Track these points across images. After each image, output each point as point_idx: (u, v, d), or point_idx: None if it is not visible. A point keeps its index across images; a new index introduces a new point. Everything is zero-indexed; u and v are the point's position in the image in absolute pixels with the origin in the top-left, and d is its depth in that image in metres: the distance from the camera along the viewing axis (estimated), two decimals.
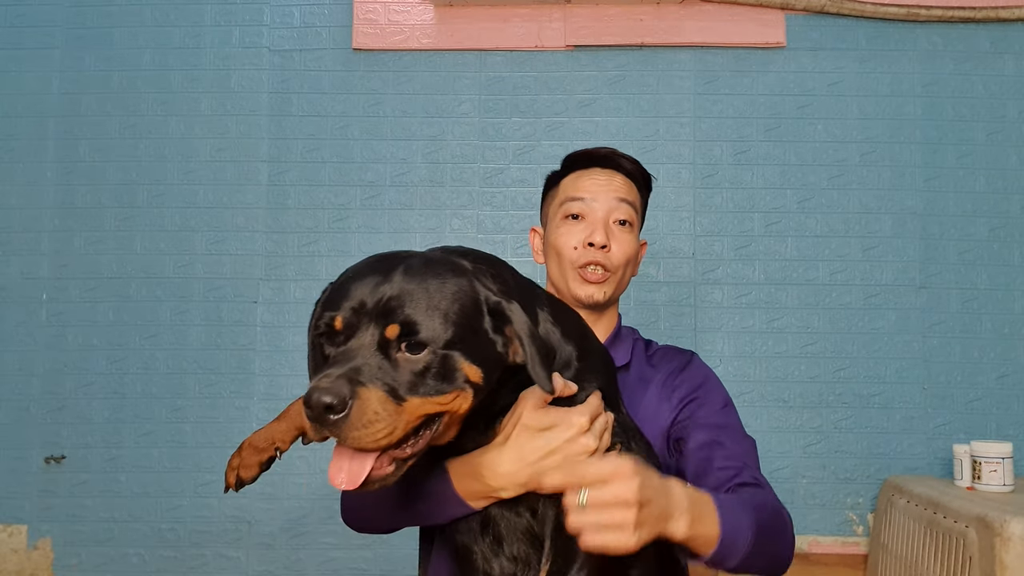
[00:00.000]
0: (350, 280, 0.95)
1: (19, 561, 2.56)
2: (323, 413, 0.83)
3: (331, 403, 0.82)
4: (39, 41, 2.70)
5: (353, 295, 0.92)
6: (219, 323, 2.62)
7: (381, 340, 0.89)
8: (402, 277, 0.93)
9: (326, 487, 2.56)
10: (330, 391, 0.83)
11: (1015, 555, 1.79)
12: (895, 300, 2.57)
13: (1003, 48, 2.62)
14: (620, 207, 1.47)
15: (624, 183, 1.50)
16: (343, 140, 2.66)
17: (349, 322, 0.91)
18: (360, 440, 0.84)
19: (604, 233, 1.44)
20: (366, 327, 0.90)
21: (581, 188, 1.48)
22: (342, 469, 0.89)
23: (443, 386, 0.91)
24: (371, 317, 0.90)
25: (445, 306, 0.92)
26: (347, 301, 0.92)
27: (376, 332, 0.90)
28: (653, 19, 2.63)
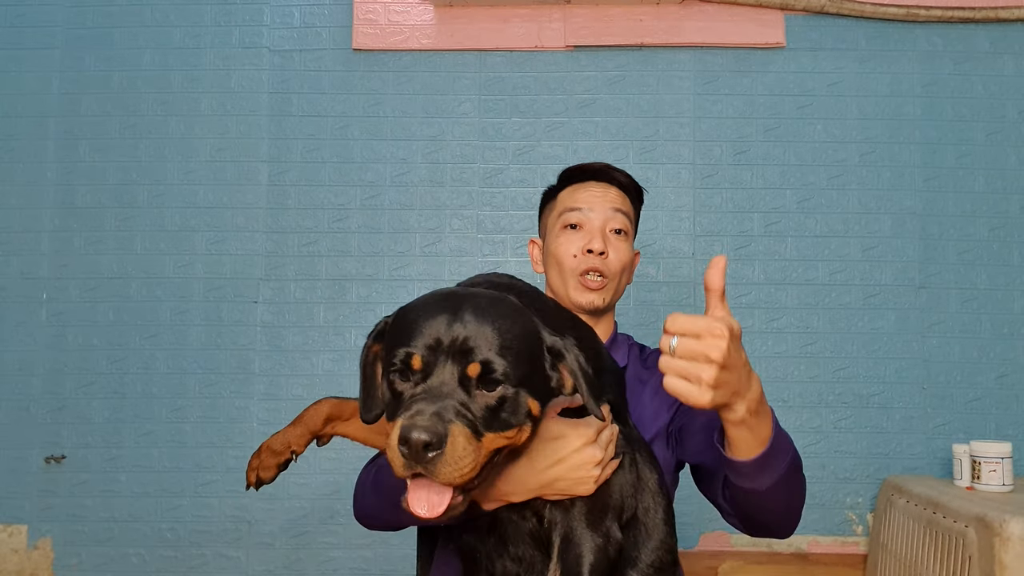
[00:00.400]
0: (419, 318, 0.97)
1: (19, 561, 2.56)
2: (422, 451, 0.86)
3: (430, 441, 0.86)
4: (39, 41, 2.70)
5: (427, 333, 0.95)
6: (219, 323, 2.62)
7: (462, 378, 0.93)
8: (473, 317, 0.96)
9: (326, 487, 2.56)
10: (428, 430, 0.86)
11: (1014, 555, 1.79)
12: (895, 300, 2.58)
13: (1002, 48, 2.62)
14: (615, 216, 1.55)
15: (618, 195, 1.58)
16: (343, 140, 2.67)
17: (427, 360, 0.94)
18: (449, 476, 0.88)
19: (602, 240, 1.52)
20: (443, 365, 0.93)
21: (578, 200, 1.56)
22: (423, 500, 0.92)
23: (511, 421, 0.96)
24: (448, 355, 0.94)
25: (516, 346, 0.97)
26: (422, 339, 0.95)
27: (455, 370, 0.93)
28: (653, 19, 2.63)
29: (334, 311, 2.62)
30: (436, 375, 0.94)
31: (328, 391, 2.56)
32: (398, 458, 0.88)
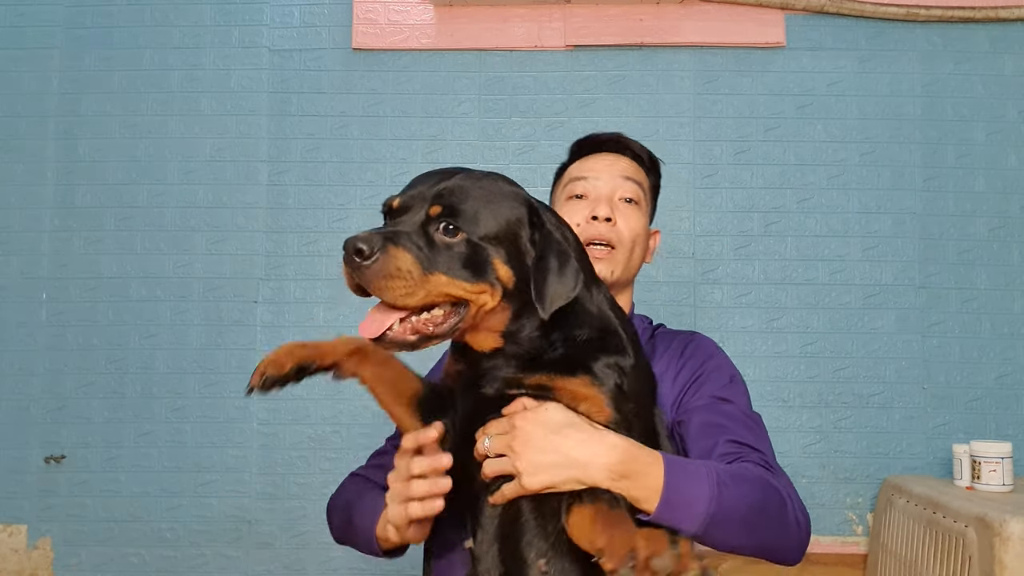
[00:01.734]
0: (417, 177, 1.08)
1: (19, 561, 2.56)
2: (352, 256, 0.93)
3: (361, 248, 0.93)
4: (39, 41, 2.70)
5: (415, 185, 1.06)
6: (219, 323, 2.62)
7: (424, 219, 1.00)
8: (461, 176, 1.05)
9: (326, 487, 2.56)
10: (363, 239, 0.94)
11: (1014, 555, 1.79)
12: (895, 300, 2.58)
13: (1003, 48, 2.62)
14: (625, 184, 1.46)
15: (630, 164, 1.49)
16: (343, 140, 2.66)
17: (404, 204, 1.03)
18: (383, 290, 0.96)
19: (608, 207, 1.42)
20: (417, 209, 1.01)
21: (585, 169, 1.48)
22: (367, 321, 1.01)
23: (472, 275, 1.00)
24: (423, 201, 1.02)
25: (492, 205, 1.03)
26: (409, 189, 1.06)
27: (423, 213, 1.01)
28: (653, 19, 2.63)
29: (334, 311, 2.62)
30: (405, 218, 1.02)
31: (328, 391, 2.57)
32: (344, 268, 0.96)
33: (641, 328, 1.49)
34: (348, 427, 2.57)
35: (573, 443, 1.01)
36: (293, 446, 2.58)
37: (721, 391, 1.34)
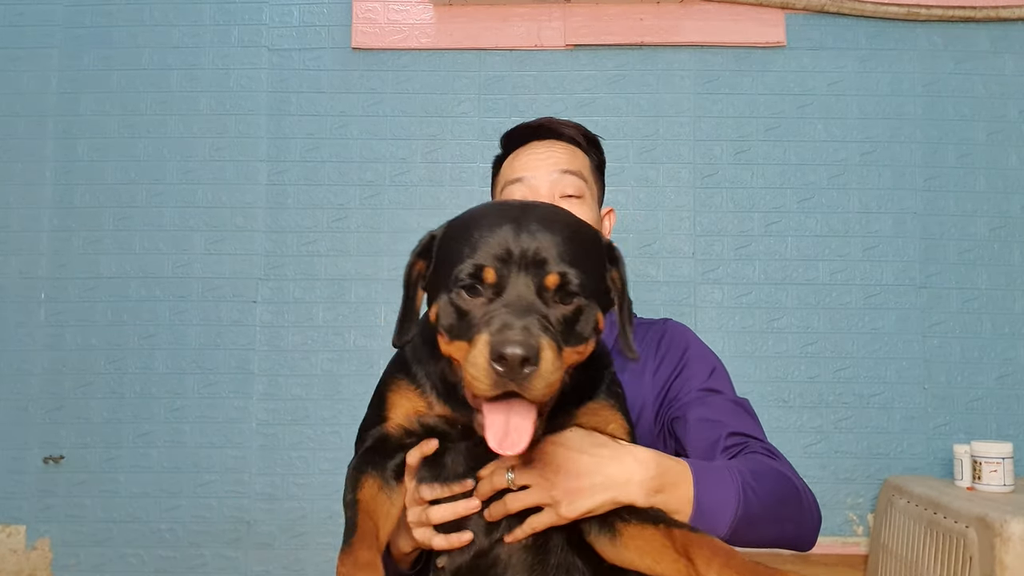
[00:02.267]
0: (482, 229, 0.91)
1: (18, 561, 2.55)
2: (518, 367, 0.80)
3: (527, 356, 0.80)
4: (38, 40, 2.69)
5: (495, 243, 0.89)
6: (218, 323, 2.61)
7: (539, 290, 0.88)
8: (541, 226, 0.90)
9: (325, 487, 2.55)
10: (524, 344, 0.80)
11: (1015, 555, 1.78)
12: (895, 300, 2.57)
13: (1003, 47, 2.61)
14: (564, 179, 1.34)
15: (566, 152, 1.38)
16: (342, 139, 2.66)
17: (501, 273, 0.88)
18: (540, 393, 0.82)
19: None
20: (517, 277, 0.88)
21: (518, 167, 1.38)
22: (502, 429, 0.86)
23: (583, 334, 0.91)
24: (520, 267, 0.88)
25: (586, 255, 0.92)
26: (490, 250, 0.89)
27: (531, 282, 0.88)
28: (653, 18, 2.63)
29: (333, 311, 2.61)
30: (511, 288, 0.87)
31: (327, 391, 2.57)
32: (485, 377, 0.81)
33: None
34: (348, 427, 2.57)
35: (607, 462, 0.98)
36: (293, 446, 2.57)
37: (707, 382, 1.32)
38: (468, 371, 0.83)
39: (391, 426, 1.07)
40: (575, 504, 0.97)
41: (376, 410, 1.11)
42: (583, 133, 1.42)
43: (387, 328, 2.60)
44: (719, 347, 2.54)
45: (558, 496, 0.97)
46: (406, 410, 1.06)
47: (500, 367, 0.80)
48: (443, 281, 0.92)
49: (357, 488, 1.03)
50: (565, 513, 0.97)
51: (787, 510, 1.13)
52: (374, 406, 1.12)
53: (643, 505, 0.98)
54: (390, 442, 1.06)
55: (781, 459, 1.22)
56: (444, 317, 0.91)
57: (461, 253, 0.90)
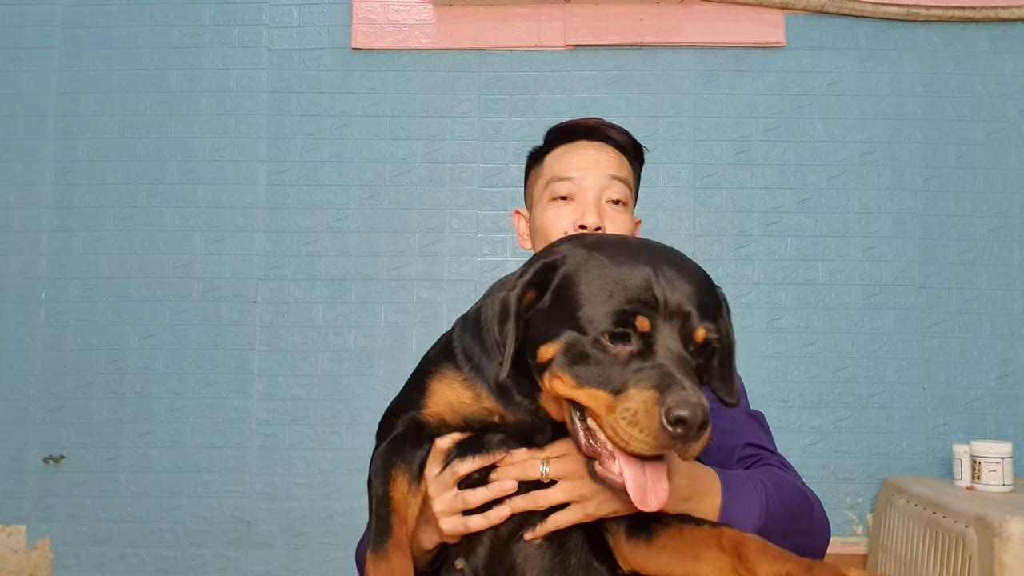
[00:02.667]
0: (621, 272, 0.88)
1: (18, 561, 2.55)
2: (695, 431, 0.78)
3: (706, 422, 0.79)
4: (38, 41, 2.69)
5: (640, 290, 0.86)
6: (218, 323, 2.62)
7: (686, 344, 0.86)
8: (676, 274, 0.89)
9: (325, 487, 2.55)
10: (702, 408, 0.78)
11: (1014, 555, 1.78)
12: (895, 300, 2.57)
13: (1003, 48, 2.62)
14: (612, 185, 1.34)
15: (615, 157, 1.38)
16: (342, 140, 2.66)
17: (654, 323, 0.85)
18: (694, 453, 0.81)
19: (597, 214, 1.30)
20: (665, 328, 0.85)
21: (568, 166, 1.36)
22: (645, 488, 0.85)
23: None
24: (666, 317, 0.86)
25: (716, 307, 0.91)
26: (637, 296, 0.86)
27: (678, 335, 0.85)
28: (653, 19, 2.63)
29: (333, 311, 2.62)
30: (662, 340, 0.85)
31: (327, 391, 2.57)
32: (651, 437, 0.79)
33: None
34: (348, 427, 2.57)
35: None
36: (293, 446, 2.57)
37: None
38: (623, 428, 0.80)
39: (428, 414, 1.03)
40: (605, 504, 0.96)
41: (413, 394, 1.06)
42: (632, 143, 1.42)
43: (387, 328, 2.60)
44: None
45: (588, 494, 0.96)
46: (448, 399, 1.02)
47: (679, 429, 0.78)
48: (570, 319, 0.88)
49: (389, 483, 1.01)
50: (593, 511, 0.96)
51: (801, 523, 1.13)
52: (411, 390, 1.07)
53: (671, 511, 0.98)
54: (424, 430, 1.03)
55: (793, 473, 1.23)
56: (571, 358, 0.87)
57: (601, 295, 0.87)
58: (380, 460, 1.02)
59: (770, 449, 1.26)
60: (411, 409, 1.04)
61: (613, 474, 0.85)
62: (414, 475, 1.02)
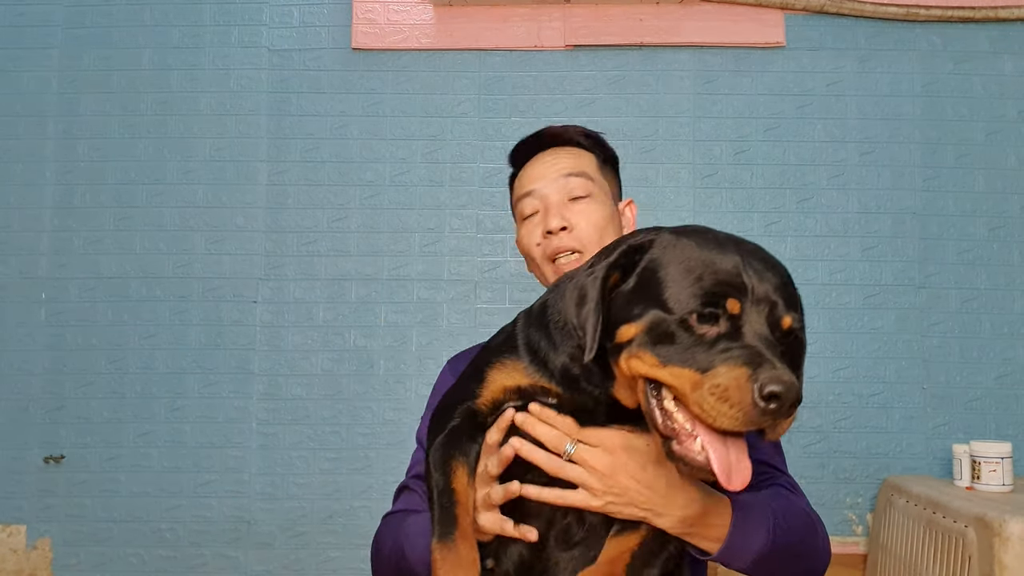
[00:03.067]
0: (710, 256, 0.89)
1: (18, 561, 2.55)
2: (788, 408, 0.79)
3: (800, 398, 0.79)
4: (38, 40, 2.69)
5: (730, 273, 0.87)
6: (218, 323, 2.62)
7: (774, 329, 0.86)
8: (763, 264, 0.90)
9: (325, 487, 2.56)
10: (796, 388, 0.79)
11: (1014, 555, 1.79)
12: (894, 300, 2.58)
13: (1002, 48, 2.62)
14: (571, 182, 1.35)
15: (569, 155, 1.39)
16: (342, 140, 2.66)
17: (745, 306, 0.86)
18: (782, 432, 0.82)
19: (558, 215, 1.32)
20: (753, 312, 0.86)
21: (527, 181, 1.39)
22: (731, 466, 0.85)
23: None
24: (754, 303, 0.86)
25: (800, 303, 0.92)
26: (728, 279, 0.86)
27: (768, 320, 0.86)
28: (653, 19, 2.63)
29: (333, 311, 2.62)
30: (751, 323, 0.85)
31: (327, 391, 2.57)
32: (742, 413, 0.79)
33: None
34: (348, 427, 2.57)
35: (662, 487, 0.98)
36: (293, 446, 2.57)
37: None
38: (710, 403, 0.80)
39: (483, 402, 1.03)
40: (609, 507, 0.98)
41: (471, 385, 1.06)
42: (583, 132, 1.43)
43: (387, 328, 2.60)
44: None
45: (597, 488, 0.97)
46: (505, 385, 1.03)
47: (772, 405, 0.78)
48: (655, 299, 0.88)
49: (451, 474, 1.00)
50: (595, 505, 0.98)
51: (805, 547, 1.14)
52: (468, 380, 1.07)
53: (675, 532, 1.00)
54: (477, 419, 1.04)
55: (801, 495, 1.23)
56: (656, 338, 0.87)
57: (690, 276, 0.87)
58: (439, 453, 1.02)
59: (780, 469, 1.26)
60: (468, 399, 1.04)
61: (693, 452, 0.85)
62: (471, 468, 1.02)
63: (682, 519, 0.99)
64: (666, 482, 0.98)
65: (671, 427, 0.87)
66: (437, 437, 1.04)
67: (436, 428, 1.06)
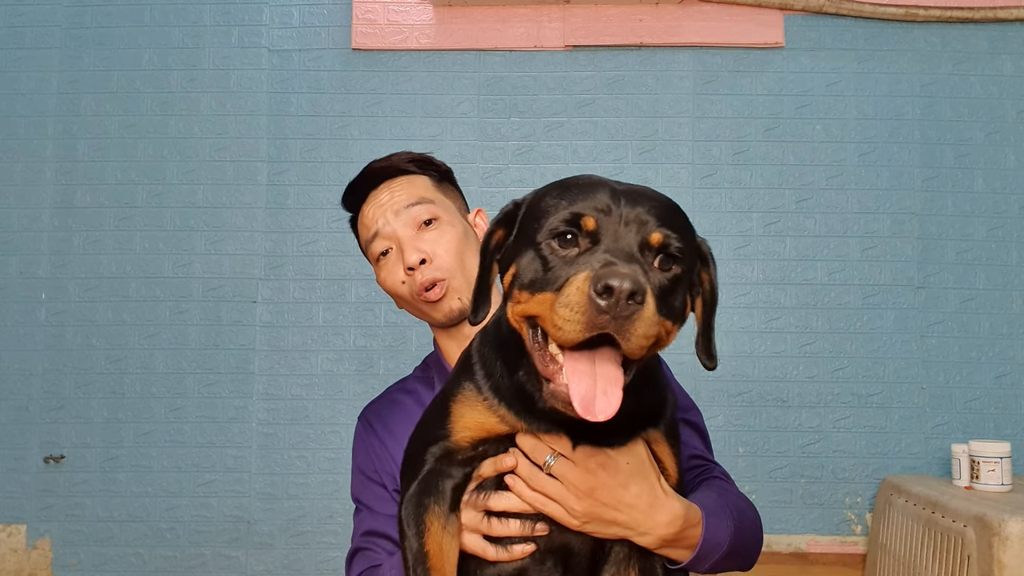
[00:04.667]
0: (578, 186, 0.86)
1: (18, 561, 2.56)
2: (625, 301, 0.73)
3: (635, 291, 0.73)
4: (38, 41, 2.70)
5: (596, 199, 0.83)
6: (218, 323, 2.62)
7: (642, 247, 0.82)
8: (644, 195, 0.86)
9: (325, 487, 2.56)
10: (631, 278, 0.73)
11: (1013, 554, 1.79)
12: (894, 300, 2.58)
13: (1001, 48, 2.62)
14: (413, 211, 1.31)
15: (403, 185, 1.34)
16: (342, 140, 2.66)
17: (601, 223, 0.82)
18: (639, 341, 0.75)
19: (414, 249, 1.28)
20: (619, 229, 0.82)
21: (370, 221, 1.34)
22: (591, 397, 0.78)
23: (674, 310, 0.84)
24: (621, 222, 0.82)
25: (686, 230, 0.88)
26: (589, 202, 0.83)
27: (633, 238, 0.82)
28: (652, 19, 2.64)
29: (333, 311, 2.62)
30: (612, 238, 0.81)
31: (327, 391, 2.57)
32: (581, 315, 0.74)
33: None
34: (347, 427, 2.57)
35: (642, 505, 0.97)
36: (293, 446, 2.58)
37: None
38: (558, 314, 0.76)
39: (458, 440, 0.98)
40: (588, 525, 0.97)
41: (439, 422, 1.00)
42: (408, 159, 1.38)
43: (387, 328, 2.60)
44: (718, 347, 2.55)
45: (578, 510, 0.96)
46: (475, 423, 0.97)
47: (603, 300, 0.73)
48: (528, 239, 0.86)
49: (424, 534, 0.95)
50: (573, 524, 0.97)
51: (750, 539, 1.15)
52: (436, 417, 1.02)
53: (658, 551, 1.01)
54: (454, 458, 0.99)
55: (732, 482, 1.26)
56: (526, 273, 0.84)
57: (555, 207, 0.85)
58: (411, 507, 0.97)
59: (710, 459, 1.27)
60: (439, 439, 0.99)
61: (561, 386, 0.81)
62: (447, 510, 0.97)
63: (664, 537, 0.99)
64: (648, 500, 0.98)
65: (548, 368, 0.84)
66: (409, 488, 0.99)
67: (407, 478, 1.01)
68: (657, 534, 0.98)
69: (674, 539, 1.00)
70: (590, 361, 0.80)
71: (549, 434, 0.95)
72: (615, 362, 0.80)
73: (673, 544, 1.01)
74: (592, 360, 0.80)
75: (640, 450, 0.99)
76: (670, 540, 1.00)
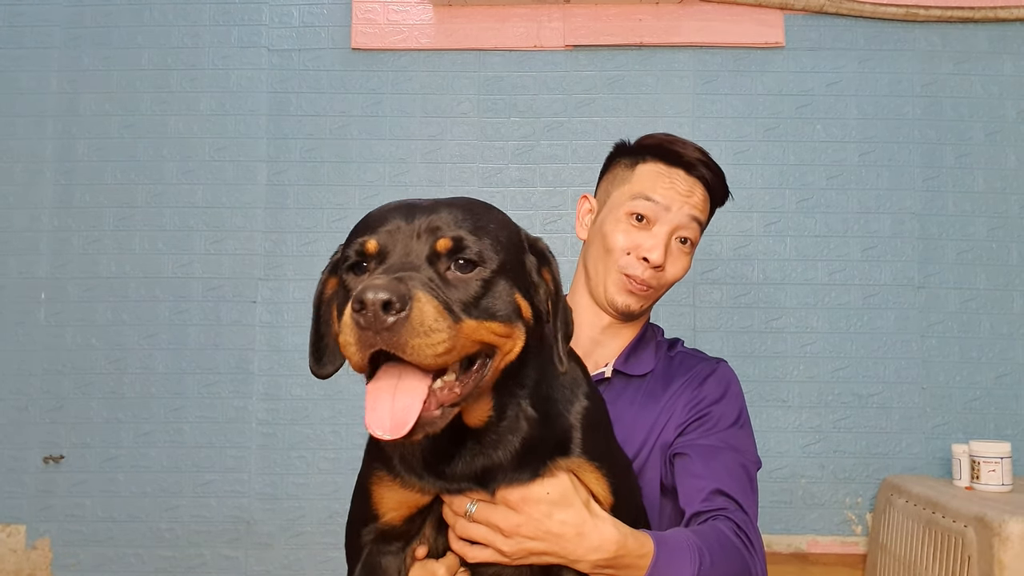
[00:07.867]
0: (379, 213, 0.86)
1: (17, 561, 2.55)
2: (380, 313, 0.71)
3: (389, 299, 0.71)
4: (38, 40, 2.69)
5: (388, 221, 0.83)
6: (218, 323, 2.62)
7: (431, 255, 0.81)
8: (443, 204, 0.86)
9: (325, 487, 2.56)
10: (387, 288, 0.71)
11: (1013, 555, 1.79)
12: (894, 300, 2.58)
13: (1001, 48, 2.62)
14: (689, 226, 1.36)
15: (702, 198, 1.38)
16: (342, 140, 2.66)
17: (384, 243, 0.82)
18: (420, 350, 0.73)
19: (663, 252, 1.33)
20: (407, 243, 0.82)
21: (657, 190, 1.35)
22: (385, 413, 0.77)
23: (495, 311, 0.83)
24: (413, 236, 0.82)
25: (493, 230, 0.86)
26: (381, 226, 0.83)
27: (422, 250, 0.81)
28: (652, 19, 2.63)
29: None
30: (395, 255, 0.81)
31: (327, 391, 2.57)
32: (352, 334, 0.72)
33: (655, 341, 1.46)
34: (347, 427, 2.57)
35: (568, 533, 0.98)
36: (292, 446, 2.58)
37: (728, 434, 1.31)
38: (341, 342, 0.76)
39: (387, 521, 1.00)
40: (523, 560, 1.00)
41: (364, 505, 1.02)
42: (722, 189, 1.42)
43: None
44: (718, 347, 2.56)
45: (508, 550, 0.98)
46: (396, 503, 0.99)
47: (361, 317, 0.71)
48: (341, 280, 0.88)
49: None
50: (505, 562, 1.00)
51: None
52: (361, 500, 1.03)
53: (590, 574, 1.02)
54: (389, 535, 1.02)
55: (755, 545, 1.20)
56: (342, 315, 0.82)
57: (351, 242, 0.86)
58: None
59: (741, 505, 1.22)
60: (369, 520, 1.01)
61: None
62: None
63: (597, 563, 1.00)
64: (575, 528, 0.98)
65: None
66: (354, 569, 1.03)
67: (350, 558, 1.05)
68: (589, 559, 1.00)
69: (609, 565, 1.01)
70: (393, 382, 0.78)
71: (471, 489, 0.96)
72: (420, 376, 0.79)
73: (613, 569, 1.02)
74: (397, 378, 0.79)
75: (562, 477, 0.99)
76: (604, 565, 1.01)
